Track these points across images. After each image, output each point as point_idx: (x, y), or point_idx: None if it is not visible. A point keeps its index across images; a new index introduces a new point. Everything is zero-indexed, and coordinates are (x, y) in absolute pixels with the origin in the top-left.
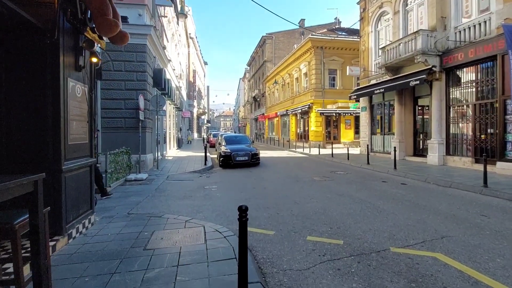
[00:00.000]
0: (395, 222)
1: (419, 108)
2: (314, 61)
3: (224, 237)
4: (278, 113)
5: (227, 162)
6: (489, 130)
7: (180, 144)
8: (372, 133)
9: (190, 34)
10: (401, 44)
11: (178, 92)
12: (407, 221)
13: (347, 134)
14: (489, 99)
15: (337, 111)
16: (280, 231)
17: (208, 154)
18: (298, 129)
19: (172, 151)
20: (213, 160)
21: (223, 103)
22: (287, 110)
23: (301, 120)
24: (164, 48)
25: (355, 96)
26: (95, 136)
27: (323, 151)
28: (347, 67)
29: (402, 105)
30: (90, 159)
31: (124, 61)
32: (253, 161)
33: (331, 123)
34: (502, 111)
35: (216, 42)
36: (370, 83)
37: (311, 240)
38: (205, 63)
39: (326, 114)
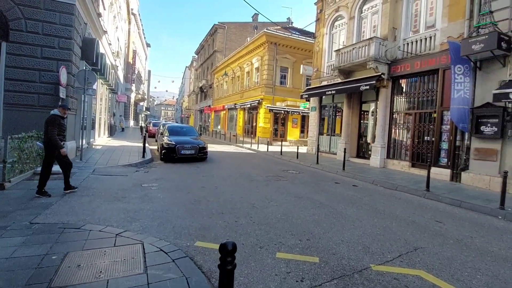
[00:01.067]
0: (364, 230)
1: (363, 112)
2: (267, 56)
3: (173, 260)
4: (226, 106)
5: (171, 155)
6: (426, 138)
7: (112, 131)
8: (320, 133)
9: (132, 9)
10: (355, 48)
11: (113, 71)
12: (374, 229)
13: (293, 133)
14: (428, 109)
15: (286, 109)
16: (243, 246)
17: (147, 145)
18: (246, 124)
19: (102, 139)
20: (153, 152)
21: (166, 90)
22: (235, 104)
23: (250, 115)
24: (99, 15)
25: (307, 96)
26: None
27: (271, 148)
28: (301, 65)
29: (350, 109)
30: None
31: (42, 22)
32: (200, 155)
33: (279, 120)
34: (440, 121)
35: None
36: (321, 84)
37: (282, 258)
38: (148, 45)
39: (275, 111)
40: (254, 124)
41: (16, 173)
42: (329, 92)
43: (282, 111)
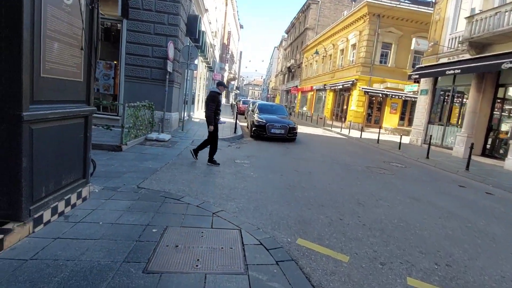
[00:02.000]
0: None
1: (499, 100)
2: (367, 31)
3: (276, 262)
4: (314, 87)
5: (260, 133)
6: None
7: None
8: (430, 122)
9: None
10: (498, 13)
11: (211, 49)
12: None
13: (391, 119)
14: None
15: (384, 92)
16: (357, 258)
17: (238, 121)
18: (335, 107)
19: (199, 113)
20: (243, 128)
21: (256, 70)
22: (324, 85)
23: (341, 97)
24: None
25: (417, 76)
26: (94, 76)
27: (364, 135)
28: (414, 39)
29: (480, 93)
30: (84, 106)
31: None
32: (290, 136)
33: (375, 104)
34: None
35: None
36: (439, 62)
37: None
38: (241, 27)
39: (371, 93)
40: (345, 107)
41: (131, 137)
42: (451, 72)
43: (380, 94)
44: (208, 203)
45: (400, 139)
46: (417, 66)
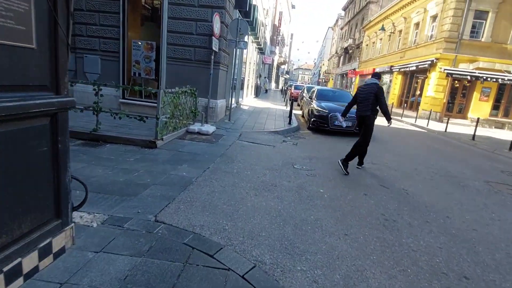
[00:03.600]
0: None
1: None
2: None
3: None
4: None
5: (321, 125)
6: None
7: (258, 92)
8: None
9: None
10: None
11: (263, 29)
12: None
13: (480, 108)
14: None
15: (475, 74)
16: None
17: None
18: (405, 92)
19: (248, 99)
20: (297, 118)
21: (308, 52)
22: (391, 67)
23: (413, 80)
24: None
25: None
26: (69, 41)
27: (450, 128)
28: None
29: None
30: (47, 96)
31: None
32: (358, 129)
33: (459, 89)
34: None
35: None
36: None
37: None
38: (293, 7)
39: (457, 75)
40: (418, 92)
41: (169, 130)
42: None
43: (468, 77)
44: (262, 265)
45: (507, 133)
46: None
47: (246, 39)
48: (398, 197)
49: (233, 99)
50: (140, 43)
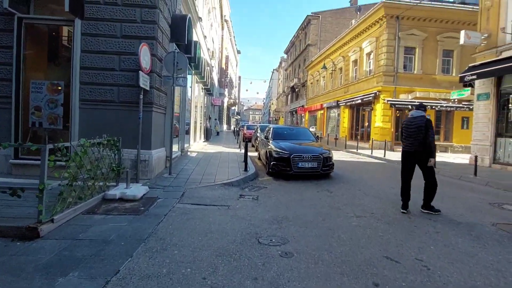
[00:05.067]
0: None
1: None
2: (386, 35)
3: None
4: (324, 105)
5: (283, 169)
6: None
7: (208, 135)
8: (499, 134)
9: (225, 16)
10: None
11: (208, 69)
12: None
13: None
14: None
15: (414, 103)
16: None
17: (249, 154)
18: (353, 125)
19: (197, 145)
20: (254, 161)
21: (257, 92)
22: (337, 101)
23: (359, 113)
24: None
25: (474, 77)
26: None
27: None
28: (462, 32)
29: None
30: None
31: None
32: (325, 170)
33: (403, 118)
34: None
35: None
36: (501, 57)
37: None
38: (238, 52)
39: (399, 106)
40: (366, 124)
41: (68, 203)
42: None
43: (409, 106)
44: None
45: (474, 160)
46: (470, 65)
47: (188, 76)
48: (418, 276)
49: (177, 146)
50: (41, 83)
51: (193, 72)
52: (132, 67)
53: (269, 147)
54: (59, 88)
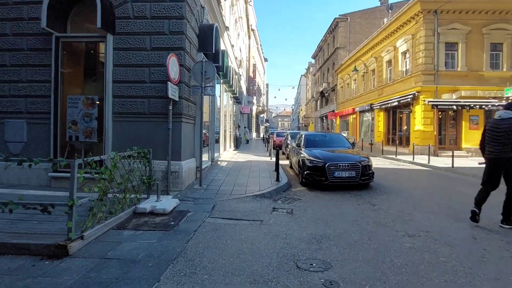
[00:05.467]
0: None
1: None
2: (424, 32)
3: None
4: (357, 109)
5: (317, 178)
6: None
7: (238, 144)
8: None
9: (251, 25)
10: None
11: (237, 77)
12: None
13: (472, 136)
14: None
15: (460, 103)
16: None
17: (281, 162)
18: (389, 129)
19: (228, 153)
20: (285, 169)
21: (286, 99)
22: (371, 105)
23: (397, 116)
24: (218, 2)
25: None
26: None
27: (449, 162)
28: None
29: None
30: None
31: (150, 1)
32: (364, 179)
33: (447, 120)
34: None
35: (273, 44)
36: None
37: None
38: (265, 60)
39: (442, 106)
40: (405, 127)
41: (99, 218)
42: None
43: (454, 106)
44: None
45: None
46: None
47: (216, 86)
48: None
49: (207, 156)
50: (77, 98)
51: (221, 81)
52: (162, 79)
53: (302, 155)
54: (94, 102)
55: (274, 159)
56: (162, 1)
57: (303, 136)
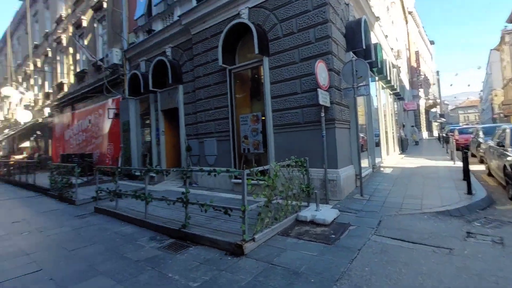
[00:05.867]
0: None
1: None
2: None
3: None
4: None
5: None
6: None
7: (404, 146)
8: None
9: (407, 8)
10: None
11: (395, 70)
12: None
13: None
14: None
15: None
16: None
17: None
18: None
19: (392, 158)
20: (479, 178)
21: (468, 85)
22: None
23: None
24: None
25: None
26: None
27: None
28: None
29: None
30: None
31: (295, 16)
32: None
33: None
34: None
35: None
36: None
37: None
38: (431, 43)
39: None
40: None
41: (266, 223)
42: None
43: None
44: None
45: None
46: None
47: (371, 84)
48: None
49: (367, 162)
50: (246, 117)
51: (376, 78)
52: (312, 87)
53: (510, 158)
54: (259, 118)
55: (459, 163)
56: (306, 12)
57: (509, 131)
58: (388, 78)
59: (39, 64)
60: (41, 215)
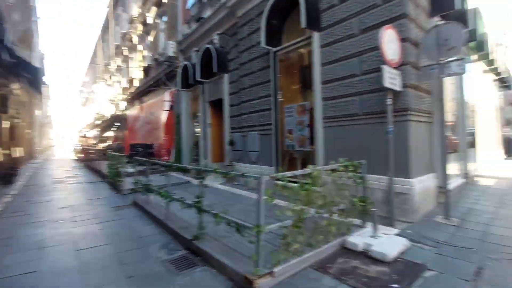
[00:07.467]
0: None
1: None
2: None
3: None
4: None
5: None
6: None
7: (511, 149)
8: None
9: None
10: None
11: (502, 48)
12: None
13: None
14: None
15: None
16: None
17: None
18: None
19: (493, 165)
20: None
21: None
22: None
23: None
24: None
25: None
26: None
27: None
28: None
29: None
30: None
31: None
32: None
33: None
34: None
35: None
36: None
37: None
38: None
39: None
40: None
41: (293, 251)
42: None
43: None
44: None
45: None
46: None
47: (462, 57)
48: None
49: (456, 169)
50: (292, 107)
51: (474, 57)
52: (375, 66)
53: None
54: (305, 109)
55: None
56: None
57: None
58: (491, 58)
59: (119, 63)
60: (86, 202)
